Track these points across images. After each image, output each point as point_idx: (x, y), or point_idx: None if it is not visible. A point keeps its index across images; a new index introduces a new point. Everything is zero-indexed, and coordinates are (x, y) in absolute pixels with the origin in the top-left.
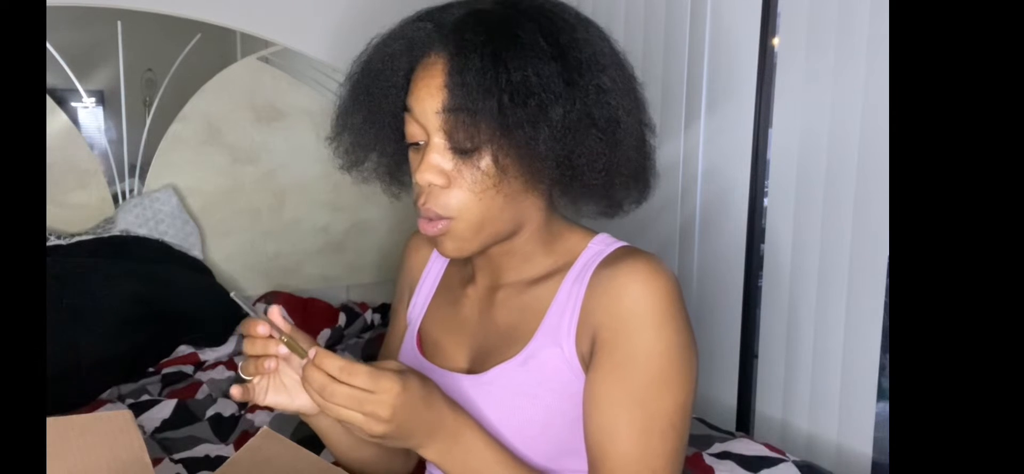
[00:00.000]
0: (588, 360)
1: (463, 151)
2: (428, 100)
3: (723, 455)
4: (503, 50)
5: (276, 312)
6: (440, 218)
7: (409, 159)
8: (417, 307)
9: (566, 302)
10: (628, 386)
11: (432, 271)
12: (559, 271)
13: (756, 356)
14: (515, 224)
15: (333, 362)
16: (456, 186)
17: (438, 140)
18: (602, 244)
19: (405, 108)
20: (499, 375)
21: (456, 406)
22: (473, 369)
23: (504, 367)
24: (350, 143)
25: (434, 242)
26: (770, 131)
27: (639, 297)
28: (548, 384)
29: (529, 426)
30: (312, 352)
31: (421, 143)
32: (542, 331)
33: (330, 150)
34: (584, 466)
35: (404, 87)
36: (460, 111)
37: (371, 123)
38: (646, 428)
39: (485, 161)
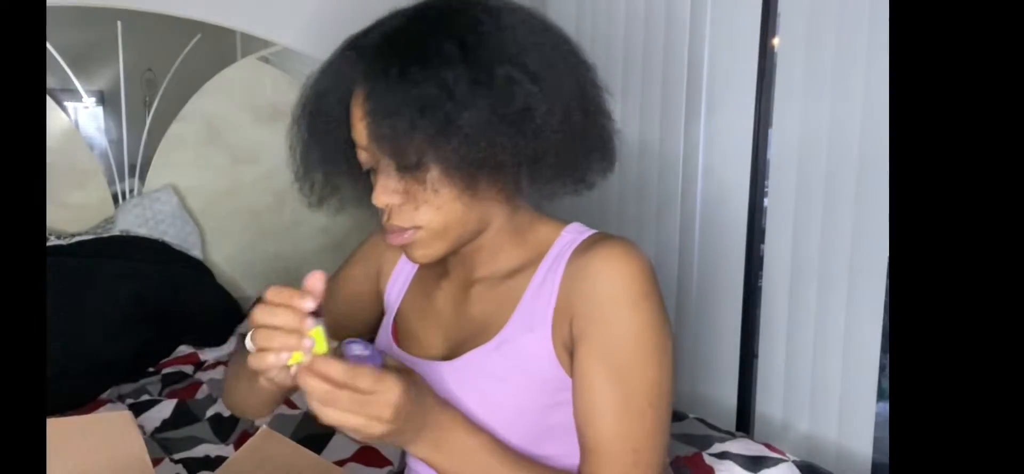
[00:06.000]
0: (568, 346)
1: (408, 168)
2: (362, 133)
3: (723, 455)
4: (409, 66)
5: (318, 279)
6: (405, 230)
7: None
8: (393, 296)
9: (540, 289)
10: (606, 367)
11: (408, 262)
12: (532, 262)
13: (756, 356)
14: (480, 223)
15: (336, 367)
16: (413, 200)
17: (384, 163)
18: (574, 232)
19: (352, 142)
20: (473, 360)
21: (441, 399)
22: (448, 357)
23: (478, 351)
24: (313, 181)
25: (403, 251)
26: (770, 131)
27: (613, 279)
28: (522, 368)
29: (503, 410)
30: (306, 360)
31: (375, 168)
32: (516, 317)
33: (297, 191)
34: (564, 449)
35: (346, 120)
36: (382, 138)
37: (326, 160)
38: (625, 407)
39: (433, 173)
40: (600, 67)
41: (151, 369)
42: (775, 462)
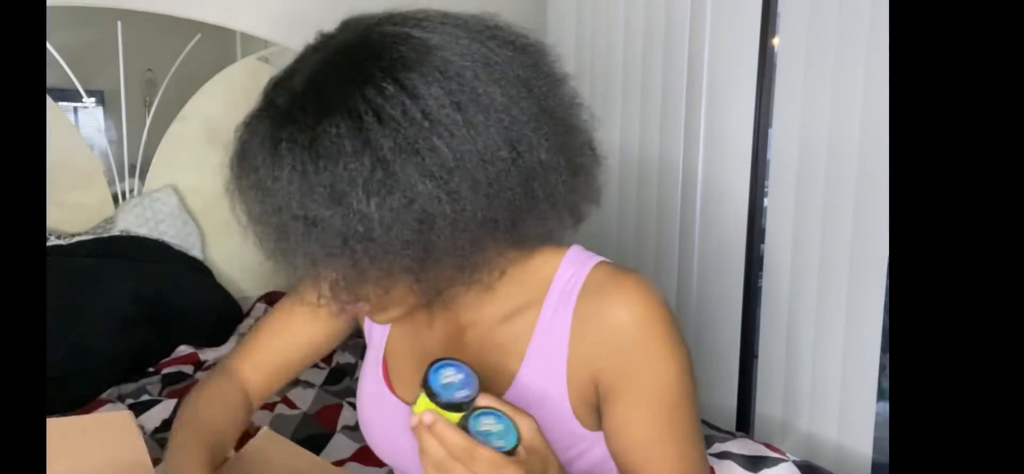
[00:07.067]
0: (590, 401)
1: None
2: None
3: (723, 455)
4: (304, 163)
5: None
6: (350, 303)
7: None
8: (377, 330)
9: (548, 338)
10: (656, 418)
11: None
12: (531, 304)
13: (756, 356)
14: (438, 287)
15: (455, 438)
16: (348, 277)
17: None
18: (575, 264)
19: None
20: None
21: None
22: None
23: None
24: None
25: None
26: (770, 131)
27: (639, 330)
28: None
29: None
30: (428, 417)
31: None
32: (523, 374)
33: (253, 243)
34: None
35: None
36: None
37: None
38: (680, 449)
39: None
40: (600, 68)
41: (151, 369)
42: (775, 462)
